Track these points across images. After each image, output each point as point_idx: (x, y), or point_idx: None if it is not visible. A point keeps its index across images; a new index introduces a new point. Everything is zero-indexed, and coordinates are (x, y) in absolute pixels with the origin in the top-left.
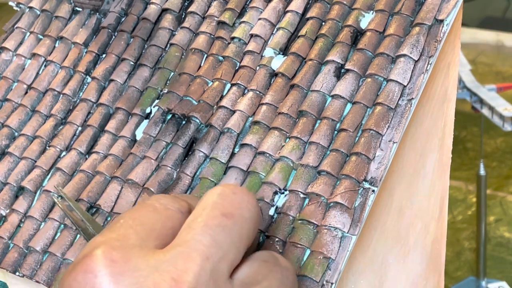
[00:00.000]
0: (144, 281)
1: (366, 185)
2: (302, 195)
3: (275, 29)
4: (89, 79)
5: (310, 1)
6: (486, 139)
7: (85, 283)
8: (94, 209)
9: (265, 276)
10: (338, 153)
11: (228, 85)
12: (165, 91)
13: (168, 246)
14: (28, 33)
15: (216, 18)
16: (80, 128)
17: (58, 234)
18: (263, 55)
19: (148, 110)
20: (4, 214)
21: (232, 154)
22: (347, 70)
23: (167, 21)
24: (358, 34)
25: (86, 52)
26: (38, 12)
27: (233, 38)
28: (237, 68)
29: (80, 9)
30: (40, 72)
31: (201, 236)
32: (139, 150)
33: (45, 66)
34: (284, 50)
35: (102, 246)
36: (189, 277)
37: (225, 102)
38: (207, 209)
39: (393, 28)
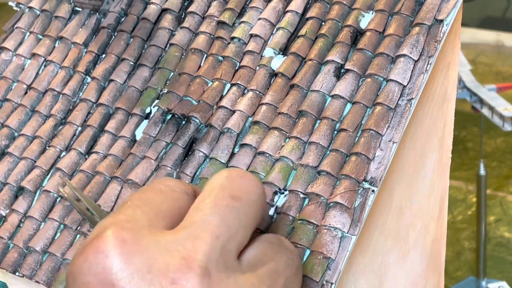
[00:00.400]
0: (155, 261)
1: (366, 185)
2: (302, 195)
3: (275, 29)
4: (89, 79)
5: (310, 1)
6: (486, 139)
7: (96, 263)
8: None
9: (271, 258)
10: (338, 153)
11: (228, 85)
12: (165, 91)
13: (177, 227)
14: (28, 33)
15: (216, 18)
16: (80, 128)
17: (58, 234)
18: (263, 55)
19: (148, 110)
20: (4, 214)
21: (232, 154)
22: (347, 70)
23: (167, 21)
24: (358, 34)
25: (86, 52)
26: (38, 12)
27: (233, 38)
28: (237, 68)
29: (80, 9)
30: (40, 72)
31: (210, 216)
32: (139, 150)
33: (45, 66)
34: (284, 50)
35: (112, 227)
36: (199, 255)
37: (225, 102)
38: (215, 191)
39: (393, 28)
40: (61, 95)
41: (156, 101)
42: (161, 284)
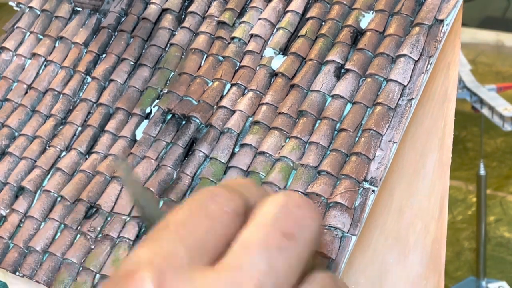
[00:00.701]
0: None
1: (366, 185)
2: (302, 195)
3: (275, 29)
4: (89, 79)
5: (310, 1)
6: (486, 139)
7: None
8: (94, 209)
9: None
10: (338, 153)
11: (228, 85)
12: (165, 91)
13: (220, 266)
14: (28, 33)
15: (216, 18)
16: (80, 128)
17: (58, 234)
18: (263, 55)
19: (148, 110)
20: (4, 214)
21: (232, 154)
22: (347, 70)
23: (167, 21)
24: (358, 34)
25: (86, 52)
26: (38, 12)
27: (233, 38)
28: (237, 68)
29: (80, 9)
30: (40, 72)
31: (257, 259)
32: (139, 150)
33: (45, 66)
34: (284, 50)
35: (149, 268)
36: None
37: (225, 102)
38: (267, 225)
39: (393, 28)
40: (61, 95)
41: (156, 101)
42: None
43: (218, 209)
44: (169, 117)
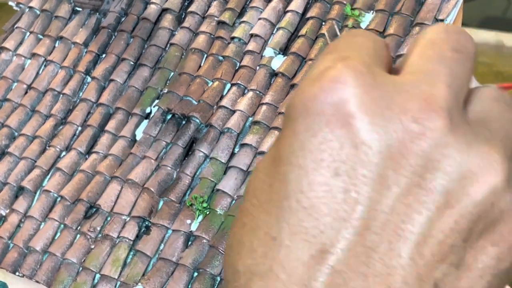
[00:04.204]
0: (392, 97)
1: None
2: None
3: (275, 29)
4: (89, 79)
5: (310, 1)
6: None
7: (333, 93)
8: (94, 209)
9: (499, 116)
10: None
11: (228, 85)
12: (165, 91)
13: (405, 72)
14: (28, 33)
15: (216, 18)
16: (80, 128)
17: (58, 234)
18: (263, 55)
19: (148, 110)
20: (4, 214)
21: (232, 154)
22: None
23: (167, 21)
24: None
25: (86, 52)
26: (38, 12)
27: (233, 38)
28: (237, 68)
29: (80, 9)
30: (40, 72)
31: (438, 65)
32: (139, 150)
33: (45, 66)
34: (284, 50)
35: (344, 60)
36: (439, 100)
37: (225, 102)
38: (436, 43)
39: (393, 28)
40: (61, 95)
41: (156, 101)
42: (401, 121)
43: (372, 37)
44: (169, 117)
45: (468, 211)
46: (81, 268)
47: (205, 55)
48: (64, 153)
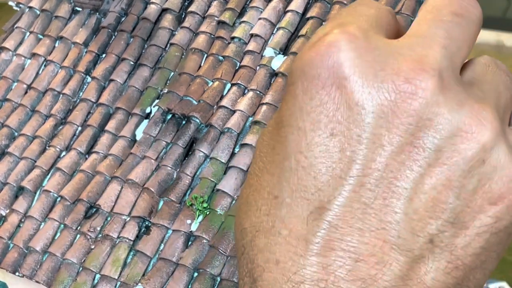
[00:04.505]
0: (385, 60)
1: None
2: None
3: (275, 29)
4: (89, 79)
5: (311, 1)
6: None
7: (328, 56)
8: (94, 209)
9: (491, 78)
10: None
11: (228, 85)
12: (165, 91)
13: (401, 37)
14: (28, 33)
15: (216, 18)
16: (80, 128)
17: (58, 234)
18: (263, 55)
19: (148, 110)
20: (4, 214)
21: (232, 154)
22: None
23: (167, 21)
24: None
25: (86, 52)
26: (38, 12)
27: (233, 38)
28: (237, 68)
29: (80, 9)
30: (40, 72)
31: (435, 28)
32: (139, 150)
33: (45, 66)
34: (284, 50)
35: (341, 26)
36: (431, 61)
37: (225, 102)
38: (436, 7)
39: None
40: (61, 95)
41: (156, 101)
42: (394, 82)
43: (375, 5)
44: (169, 117)
45: (459, 168)
46: (81, 268)
47: (205, 55)
48: (64, 153)
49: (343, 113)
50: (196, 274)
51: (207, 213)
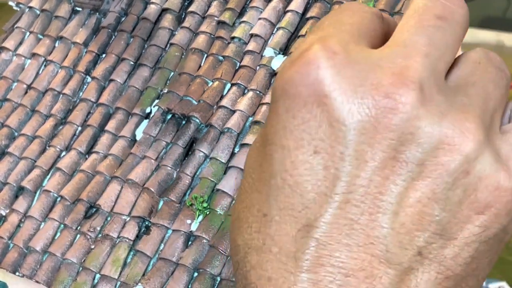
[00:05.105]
0: (365, 74)
1: None
2: None
3: (275, 29)
4: (89, 79)
5: (310, 1)
6: None
7: (308, 74)
8: (94, 209)
9: (479, 78)
10: None
11: (228, 85)
12: (165, 91)
13: (382, 47)
14: (28, 33)
15: (216, 18)
16: (80, 128)
17: (58, 234)
18: (263, 55)
19: (148, 110)
20: (4, 214)
21: (232, 154)
22: None
23: (167, 21)
24: None
25: (86, 52)
26: (38, 12)
27: (233, 38)
28: (237, 68)
29: (80, 9)
30: (40, 72)
31: (417, 36)
32: (139, 150)
33: (45, 66)
34: (284, 50)
35: (320, 41)
36: (411, 72)
37: (225, 102)
38: (418, 11)
39: None
40: (61, 95)
41: (156, 101)
42: (373, 97)
43: (360, 10)
44: (169, 117)
45: (443, 181)
46: (81, 268)
47: (205, 55)
48: (64, 153)
49: (325, 130)
50: (196, 274)
51: (207, 213)
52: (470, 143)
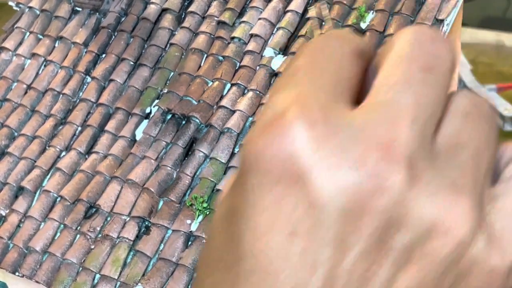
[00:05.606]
0: (348, 148)
1: None
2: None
3: (275, 29)
4: (89, 79)
5: (310, 1)
6: None
7: (282, 148)
8: (94, 209)
9: (470, 136)
10: None
11: (228, 85)
12: (165, 91)
13: (364, 105)
14: (28, 33)
15: (216, 18)
16: (80, 128)
17: (58, 234)
18: (263, 55)
19: (148, 110)
20: (4, 214)
21: (232, 154)
22: None
23: (167, 21)
24: (358, 33)
25: (86, 52)
26: (38, 12)
27: (233, 38)
28: (237, 68)
29: (80, 9)
30: (39, 72)
31: (403, 95)
32: (139, 150)
33: (45, 66)
34: (284, 50)
35: (297, 105)
36: (398, 147)
37: (225, 102)
38: (403, 63)
39: (393, 28)
40: (61, 95)
41: (156, 101)
42: (358, 177)
43: (339, 52)
44: (169, 117)
45: (434, 268)
46: (81, 268)
47: (205, 55)
48: (64, 153)
49: (304, 212)
50: (196, 274)
51: (207, 213)
52: (464, 228)
